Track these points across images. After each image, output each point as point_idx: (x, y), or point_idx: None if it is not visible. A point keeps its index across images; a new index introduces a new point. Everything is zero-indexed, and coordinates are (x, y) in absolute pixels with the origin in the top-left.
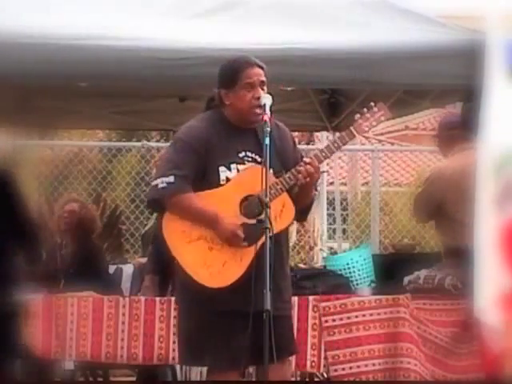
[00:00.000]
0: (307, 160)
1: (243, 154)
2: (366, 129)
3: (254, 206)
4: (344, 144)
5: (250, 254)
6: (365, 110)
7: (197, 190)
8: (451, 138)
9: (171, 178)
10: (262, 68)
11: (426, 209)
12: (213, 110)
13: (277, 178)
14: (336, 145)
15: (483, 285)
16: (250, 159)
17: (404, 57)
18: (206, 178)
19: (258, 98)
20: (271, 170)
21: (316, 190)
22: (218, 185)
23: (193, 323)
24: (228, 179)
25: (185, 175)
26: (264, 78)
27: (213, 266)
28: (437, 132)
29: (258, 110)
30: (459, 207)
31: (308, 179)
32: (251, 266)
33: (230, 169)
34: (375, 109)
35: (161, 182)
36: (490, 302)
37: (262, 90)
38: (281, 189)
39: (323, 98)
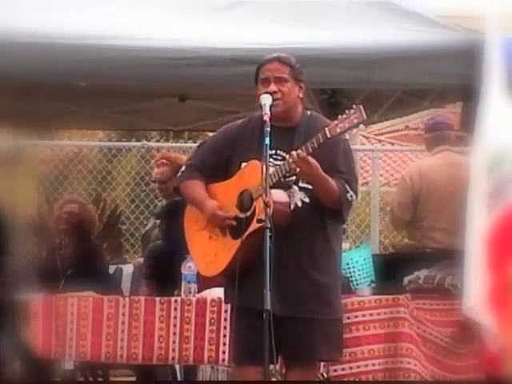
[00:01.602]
0: (294, 153)
1: (273, 151)
2: (339, 130)
3: (245, 200)
4: (318, 145)
5: (236, 245)
6: (346, 111)
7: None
8: (432, 139)
9: (183, 168)
10: (286, 64)
11: (405, 208)
12: None
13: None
14: (312, 145)
15: (472, 284)
16: (279, 157)
17: (404, 57)
18: (228, 172)
19: (273, 93)
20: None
21: (351, 191)
22: None
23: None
24: None
25: (194, 164)
26: (281, 74)
27: (209, 256)
28: (423, 133)
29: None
30: (429, 211)
31: (298, 170)
32: (235, 257)
33: None
34: (351, 111)
35: (179, 172)
36: (479, 301)
37: (280, 85)
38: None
39: (323, 98)
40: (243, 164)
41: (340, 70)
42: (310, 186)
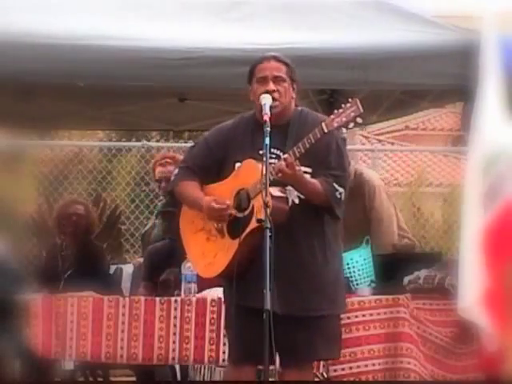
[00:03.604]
0: (283, 156)
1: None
2: (336, 125)
3: (242, 199)
4: (315, 140)
5: (235, 245)
6: (342, 105)
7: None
8: None
9: (176, 171)
10: (282, 63)
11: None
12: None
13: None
14: (309, 140)
15: (467, 285)
16: (273, 156)
17: (403, 57)
18: (222, 173)
19: (272, 92)
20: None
21: (341, 187)
22: None
23: (226, 319)
24: None
25: (188, 166)
26: (279, 74)
27: (208, 257)
28: None
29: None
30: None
31: (280, 175)
32: (234, 257)
33: None
34: (348, 105)
35: (172, 176)
36: (474, 301)
37: (278, 84)
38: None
39: (322, 98)
40: (237, 164)
41: (338, 70)
42: None
